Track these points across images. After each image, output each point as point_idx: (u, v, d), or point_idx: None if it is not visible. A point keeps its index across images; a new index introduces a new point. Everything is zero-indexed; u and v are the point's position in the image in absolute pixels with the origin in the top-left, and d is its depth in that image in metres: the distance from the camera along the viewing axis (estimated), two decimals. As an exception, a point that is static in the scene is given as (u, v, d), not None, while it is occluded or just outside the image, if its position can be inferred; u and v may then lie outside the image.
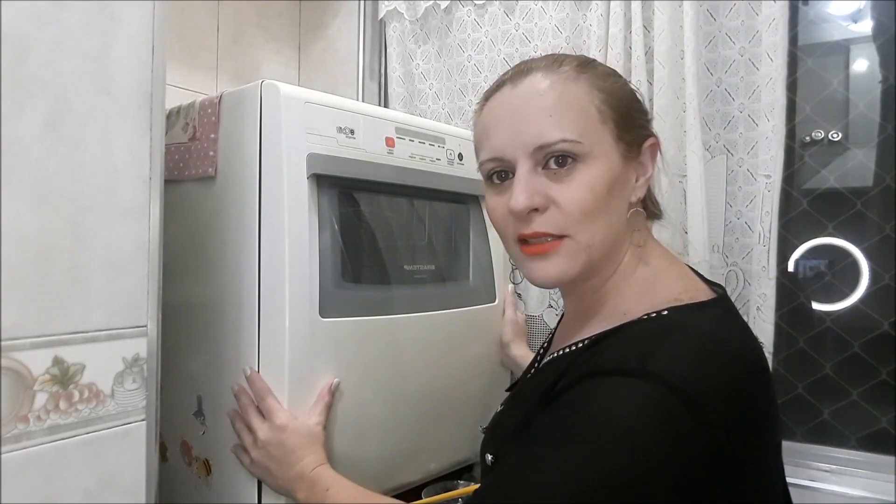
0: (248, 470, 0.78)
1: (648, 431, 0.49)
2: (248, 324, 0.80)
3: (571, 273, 0.61)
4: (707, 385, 0.51)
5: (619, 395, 0.52)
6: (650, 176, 0.65)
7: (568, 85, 0.61)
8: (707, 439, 0.50)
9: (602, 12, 1.13)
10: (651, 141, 0.65)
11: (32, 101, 0.57)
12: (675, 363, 0.52)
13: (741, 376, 0.54)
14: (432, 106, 1.40)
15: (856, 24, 1.18)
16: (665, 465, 0.49)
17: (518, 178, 0.61)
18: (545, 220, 0.60)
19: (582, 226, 0.60)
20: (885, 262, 1.12)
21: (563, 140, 0.59)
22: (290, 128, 0.78)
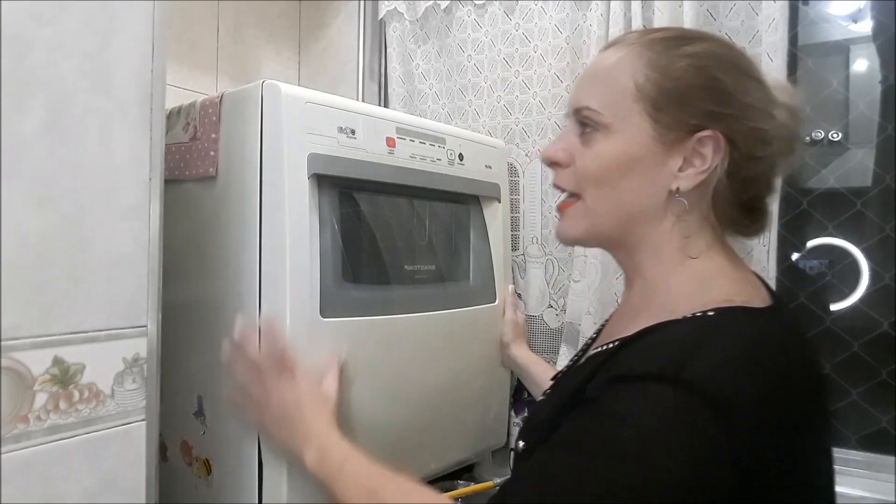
0: (249, 423, 0.75)
1: (678, 444, 0.48)
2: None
3: (575, 234, 0.65)
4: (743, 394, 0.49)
5: (650, 404, 0.50)
6: (705, 170, 0.59)
7: (620, 57, 0.61)
8: (739, 451, 0.48)
9: (602, 12, 1.13)
10: (705, 134, 0.58)
11: (32, 101, 0.57)
12: (711, 370, 0.50)
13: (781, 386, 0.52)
14: (432, 106, 1.40)
15: (856, 24, 1.18)
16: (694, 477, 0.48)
17: (560, 132, 0.66)
18: (563, 176, 0.65)
19: (589, 190, 0.63)
20: (885, 262, 1.12)
21: (587, 108, 0.62)
22: (290, 128, 0.78)
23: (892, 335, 1.10)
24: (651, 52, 0.60)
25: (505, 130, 1.28)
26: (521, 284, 1.25)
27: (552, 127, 1.22)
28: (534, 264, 1.24)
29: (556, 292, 1.23)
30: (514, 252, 1.25)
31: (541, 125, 1.24)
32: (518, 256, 1.26)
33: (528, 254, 1.25)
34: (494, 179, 1.11)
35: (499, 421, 1.13)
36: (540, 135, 1.24)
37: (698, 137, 0.59)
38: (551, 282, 1.23)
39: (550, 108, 1.22)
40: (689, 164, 0.60)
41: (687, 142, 0.59)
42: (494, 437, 1.13)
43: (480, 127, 1.30)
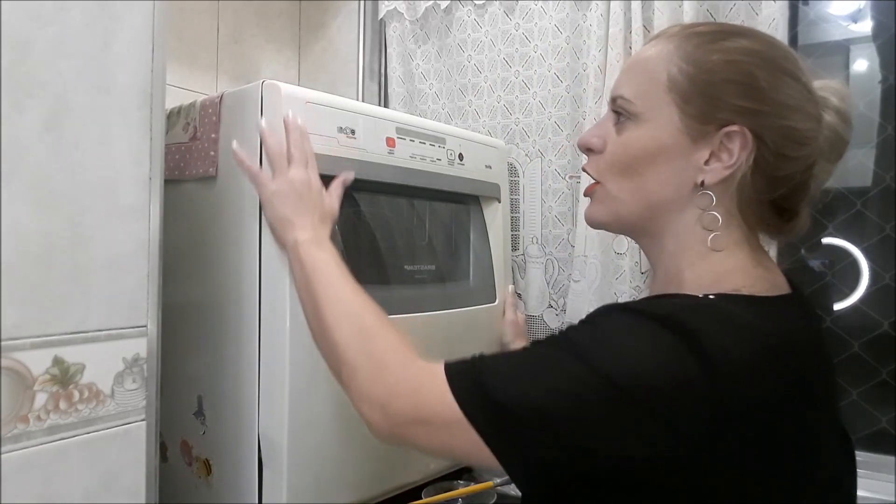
0: (259, 188, 0.75)
1: (658, 368, 0.49)
2: (248, 324, 0.80)
3: (599, 218, 0.67)
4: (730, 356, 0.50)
5: (639, 330, 0.52)
6: (731, 165, 0.58)
7: (659, 49, 0.62)
8: (714, 403, 0.48)
9: (602, 12, 1.13)
10: (734, 128, 0.58)
11: (32, 101, 0.57)
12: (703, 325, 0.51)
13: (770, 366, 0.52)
14: (432, 106, 1.40)
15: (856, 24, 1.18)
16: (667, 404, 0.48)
17: (599, 120, 0.67)
18: (592, 161, 0.66)
19: (612, 177, 0.64)
20: (885, 262, 1.12)
21: (621, 97, 0.63)
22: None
23: (892, 335, 1.10)
24: (689, 44, 0.61)
25: (505, 130, 1.28)
26: (521, 284, 1.25)
27: (552, 127, 1.22)
28: (534, 264, 1.24)
29: (556, 292, 1.23)
30: (514, 252, 1.25)
31: (541, 125, 1.24)
32: (518, 256, 1.26)
33: (528, 254, 1.25)
34: (494, 179, 1.11)
35: (499, 421, 1.13)
36: (540, 135, 1.24)
37: (725, 132, 0.58)
38: (551, 282, 1.23)
39: (550, 108, 1.22)
40: (716, 158, 0.59)
41: (714, 136, 0.59)
42: (494, 437, 1.13)
43: (480, 127, 1.30)
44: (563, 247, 1.22)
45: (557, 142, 1.22)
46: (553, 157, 1.22)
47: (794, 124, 0.58)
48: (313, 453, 0.80)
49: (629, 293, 1.06)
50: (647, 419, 0.48)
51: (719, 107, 0.59)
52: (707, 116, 0.59)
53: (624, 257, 1.08)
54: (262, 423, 0.79)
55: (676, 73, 0.60)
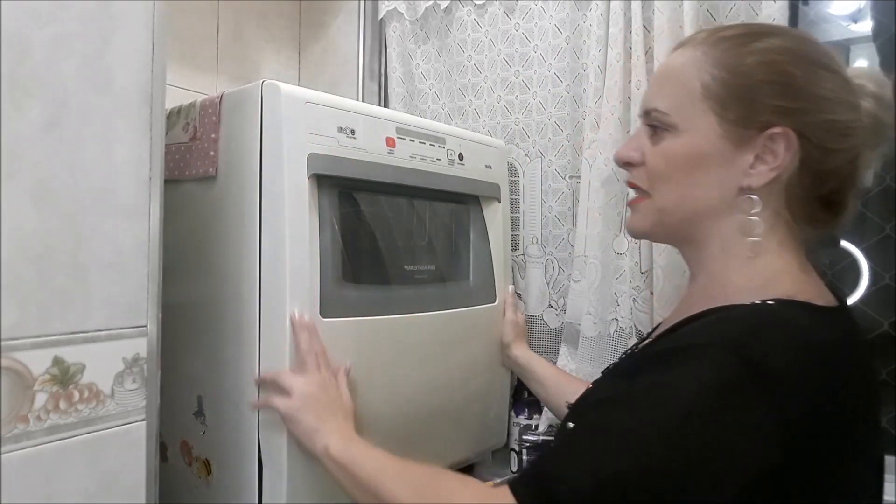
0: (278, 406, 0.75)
1: (723, 412, 0.48)
2: (248, 324, 0.80)
3: (642, 228, 0.68)
4: (798, 382, 0.50)
5: (699, 368, 0.51)
6: (777, 167, 0.58)
7: (686, 56, 0.62)
8: (783, 435, 0.48)
9: (602, 12, 1.13)
10: (777, 130, 0.57)
11: (32, 101, 0.57)
12: (771, 351, 0.50)
13: (834, 383, 0.52)
14: (432, 106, 1.40)
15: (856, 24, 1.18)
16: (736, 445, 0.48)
17: (633, 133, 0.68)
18: (635, 174, 0.67)
19: (657, 188, 0.64)
20: (885, 262, 1.12)
21: (655, 109, 0.64)
22: (290, 128, 0.78)
23: (892, 335, 1.10)
24: (718, 50, 0.60)
25: (505, 130, 1.28)
26: (521, 284, 1.25)
27: (552, 127, 1.22)
28: (534, 264, 1.24)
29: (556, 292, 1.23)
30: (514, 252, 1.25)
31: (541, 125, 1.24)
32: (518, 256, 1.26)
33: (528, 254, 1.25)
34: (494, 179, 1.11)
35: (499, 421, 1.13)
36: (540, 135, 1.24)
37: (768, 134, 0.58)
38: (551, 282, 1.23)
39: (550, 108, 1.22)
40: (761, 160, 0.59)
41: (757, 139, 0.59)
42: (494, 437, 1.13)
43: (480, 127, 1.30)
44: (563, 247, 1.22)
45: (557, 142, 1.22)
46: (553, 157, 1.22)
47: (836, 117, 0.58)
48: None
49: (629, 293, 1.06)
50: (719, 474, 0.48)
51: (759, 109, 0.58)
52: (747, 120, 0.59)
53: (624, 257, 1.08)
54: (262, 423, 0.79)
55: (710, 81, 0.59)
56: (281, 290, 0.77)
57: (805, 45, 0.61)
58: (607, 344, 1.08)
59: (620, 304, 1.07)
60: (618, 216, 1.10)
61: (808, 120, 0.58)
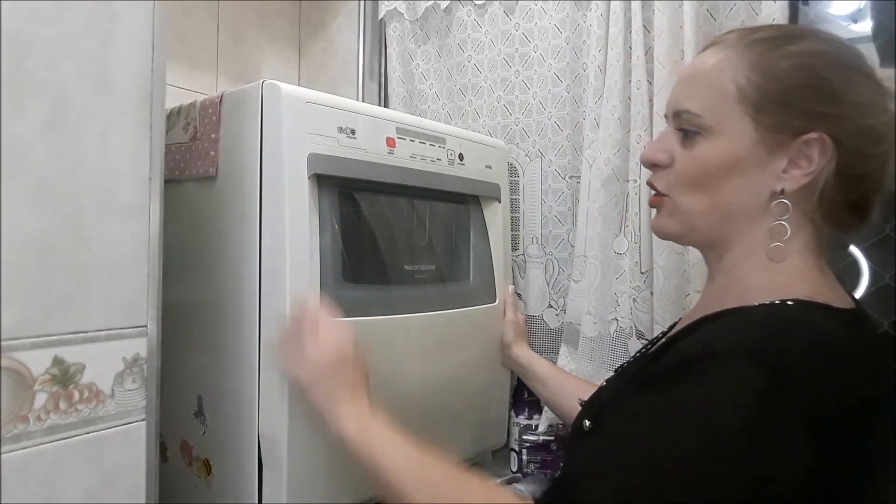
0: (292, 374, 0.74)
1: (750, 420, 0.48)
2: (248, 324, 0.80)
3: (669, 230, 0.67)
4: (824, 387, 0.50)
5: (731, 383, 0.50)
6: (811, 172, 0.58)
7: (720, 58, 0.61)
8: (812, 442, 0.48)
9: (602, 12, 1.13)
10: (812, 136, 0.57)
11: (32, 101, 0.57)
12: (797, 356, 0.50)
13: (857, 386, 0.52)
14: (432, 106, 1.40)
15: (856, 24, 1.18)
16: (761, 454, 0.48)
17: (660, 133, 0.67)
18: (660, 176, 0.66)
19: (683, 192, 0.63)
20: (885, 262, 1.12)
21: (687, 111, 0.62)
22: (291, 128, 0.78)
23: (892, 335, 1.10)
24: (752, 52, 0.59)
25: (505, 130, 1.28)
26: (521, 284, 1.25)
27: (552, 127, 1.22)
28: (534, 264, 1.24)
29: (556, 292, 1.23)
30: (514, 252, 1.25)
31: (541, 125, 1.24)
32: (518, 256, 1.26)
33: (528, 254, 1.25)
34: (494, 179, 1.11)
35: (499, 421, 1.13)
36: (540, 135, 1.24)
37: (804, 140, 0.57)
38: (551, 282, 1.23)
39: (550, 108, 1.22)
40: (795, 165, 0.59)
41: (791, 144, 0.58)
42: (494, 437, 1.13)
43: (480, 127, 1.30)
44: (563, 247, 1.22)
45: (557, 142, 1.22)
46: (553, 157, 1.22)
47: (871, 122, 0.58)
48: (313, 453, 0.80)
49: (629, 293, 1.06)
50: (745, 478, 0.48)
51: (794, 114, 0.58)
52: (783, 125, 0.58)
53: (624, 257, 1.08)
54: (262, 423, 0.79)
55: (745, 84, 0.58)
56: (281, 290, 0.77)
57: (839, 48, 0.61)
58: (607, 344, 1.08)
59: (620, 304, 1.07)
60: (618, 216, 1.10)
61: (843, 125, 0.57)
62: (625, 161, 1.09)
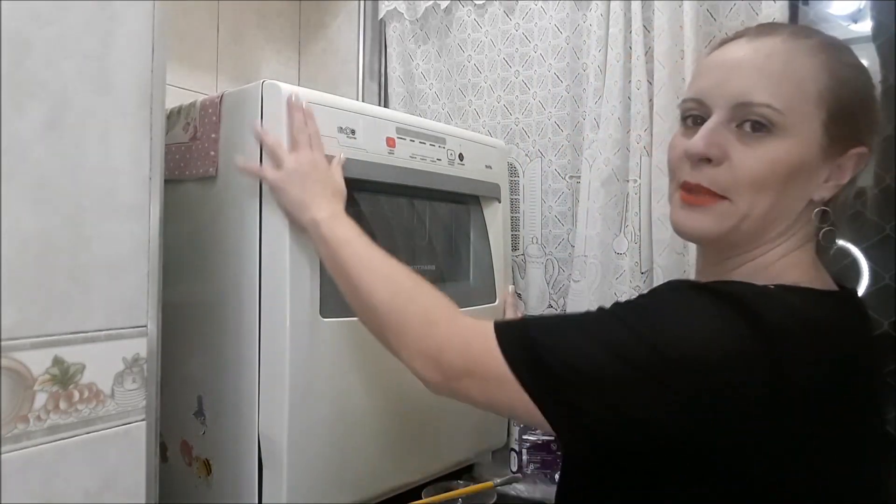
0: (267, 177, 0.77)
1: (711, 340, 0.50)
2: (248, 324, 0.80)
3: (714, 233, 0.61)
4: (793, 342, 0.50)
5: (696, 304, 0.53)
6: (844, 184, 0.60)
7: (800, 57, 0.58)
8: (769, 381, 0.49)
9: (602, 12, 1.13)
10: (860, 150, 0.59)
11: (32, 101, 0.57)
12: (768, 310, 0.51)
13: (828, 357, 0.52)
14: (432, 106, 1.40)
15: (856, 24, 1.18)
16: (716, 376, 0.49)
17: (707, 124, 0.60)
18: (713, 175, 0.59)
19: (746, 194, 0.59)
20: (885, 262, 1.12)
21: (768, 105, 0.57)
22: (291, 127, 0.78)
23: (892, 335, 1.10)
24: (822, 56, 0.58)
25: (505, 130, 1.28)
26: (521, 284, 1.25)
27: (552, 127, 1.22)
28: (534, 264, 1.24)
29: (556, 292, 1.23)
30: (514, 252, 1.25)
31: (541, 125, 1.24)
32: (518, 256, 1.26)
33: (528, 254, 1.25)
34: (494, 179, 1.11)
35: (499, 421, 1.13)
36: (540, 135, 1.24)
37: (855, 153, 0.59)
38: (551, 282, 1.23)
39: (550, 108, 1.22)
40: (835, 177, 0.60)
41: (842, 155, 0.59)
42: (494, 437, 1.13)
43: (480, 127, 1.30)
44: (563, 247, 1.22)
45: (557, 142, 1.22)
46: (553, 157, 1.22)
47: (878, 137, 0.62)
48: (313, 453, 0.80)
49: (629, 293, 1.06)
50: (693, 389, 0.49)
51: (856, 127, 0.59)
52: (844, 136, 0.58)
53: (624, 257, 1.08)
54: (262, 423, 0.79)
55: (824, 90, 0.57)
56: (281, 290, 0.77)
57: None
58: (607, 344, 1.08)
59: (620, 304, 1.07)
60: (618, 216, 1.10)
61: (874, 140, 0.60)
62: (625, 161, 1.09)
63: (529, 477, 1.14)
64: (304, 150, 0.76)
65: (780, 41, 0.59)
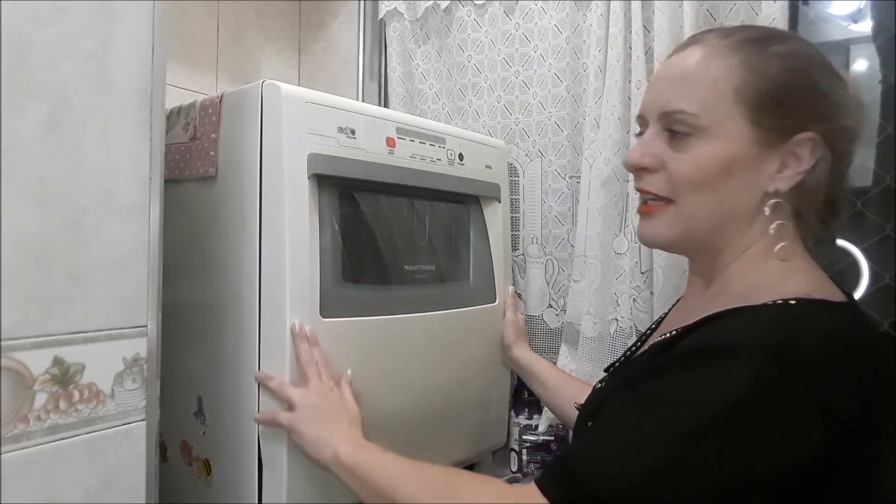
0: (282, 421, 0.76)
1: (765, 411, 0.49)
2: (248, 324, 0.80)
3: (666, 238, 0.65)
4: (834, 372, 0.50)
5: (739, 369, 0.51)
6: (803, 171, 0.59)
7: (714, 58, 0.61)
8: (825, 426, 0.49)
9: (602, 12, 1.13)
10: (806, 135, 0.59)
11: (32, 101, 0.57)
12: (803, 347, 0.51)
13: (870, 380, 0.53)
14: (432, 106, 1.40)
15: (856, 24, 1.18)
16: (779, 440, 0.49)
17: (643, 137, 0.65)
18: (652, 181, 0.64)
19: (686, 195, 0.62)
20: (885, 262, 1.12)
21: (682, 111, 0.61)
22: (291, 128, 0.78)
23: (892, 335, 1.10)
24: (741, 53, 0.60)
25: (505, 130, 1.28)
26: (521, 284, 1.25)
27: (552, 127, 1.22)
28: (534, 264, 1.24)
29: (556, 292, 1.23)
30: (514, 252, 1.25)
31: (541, 125, 1.24)
32: (518, 256, 1.26)
33: (528, 254, 1.25)
34: (494, 179, 1.11)
35: (499, 421, 1.14)
36: (540, 135, 1.24)
37: (797, 140, 0.59)
38: (551, 282, 1.23)
39: (550, 108, 1.22)
40: (786, 165, 0.60)
41: (784, 144, 0.59)
42: (494, 437, 1.13)
43: (480, 127, 1.30)
44: (563, 247, 1.22)
45: (557, 142, 1.22)
46: (553, 157, 1.22)
47: (849, 123, 0.61)
48: (313, 453, 0.80)
49: (629, 293, 1.06)
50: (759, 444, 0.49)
51: (788, 115, 0.59)
52: (777, 126, 0.59)
53: (624, 257, 1.08)
54: (262, 423, 0.79)
55: (741, 85, 0.59)
56: (281, 291, 0.77)
57: (815, 50, 0.63)
58: (607, 344, 1.08)
59: (620, 304, 1.07)
60: (618, 216, 1.10)
61: (829, 125, 0.59)
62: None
63: (529, 477, 1.14)
64: (313, 383, 0.76)
65: (700, 48, 0.62)
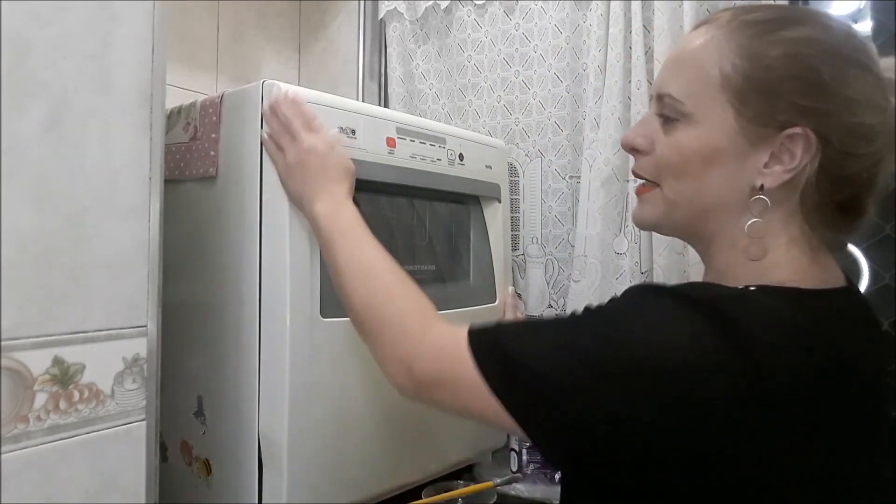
0: (277, 167, 0.77)
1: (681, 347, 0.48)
2: (248, 324, 0.80)
3: (651, 219, 0.64)
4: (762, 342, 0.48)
5: (669, 311, 0.51)
6: (793, 168, 0.54)
7: (707, 40, 0.58)
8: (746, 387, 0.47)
9: (602, 12, 1.13)
10: (796, 130, 0.53)
11: (32, 101, 0.57)
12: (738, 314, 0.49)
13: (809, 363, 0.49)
14: (432, 106, 1.40)
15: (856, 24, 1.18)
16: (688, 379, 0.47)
17: (643, 118, 0.65)
18: (643, 163, 0.63)
19: (668, 180, 0.61)
20: (885, 262, 1.12)
21: (668, 95, 0.59)
22: (290, 128, 0.78)
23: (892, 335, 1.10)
24: (742, 36, 0.56)
25: (505, 130, 1.28)
26: (521, 284, 1.25)
27: (552, 127, 1.22)
28: (534, 264, 1.24)
29: (556, 292, 1.23)
30: (514, 252, 1.25)
31: (541, 125, 1.24)
32: (518, 256, 1.26)
33: (528, 254, 1.25)
34: (494, 179, 1.11)
35: (499, 421, 1.13)
36: (540, 135, 1.24)
37: (787, 134, 0.54)
38: (551, 282, 1.23)
39: (550, 108, 1.22)
40: (777, 160, 0.55)
41: (775, 137, 0.55)
42: (494, 437, 1.13)
43: (480, 127, 1.30)
44: (563, 247, 1.22)
45: (557, 142, 1.22)
46: (553, 157, 1.22)
47: (862, 120, 0.54)
48: (313, 453, 0.80)
49: (629, 293, 1.06)
50: (660, 395, 0.48)
51: (779, 107, 0.54)
52: (766, 118, 0.55)
53: (624, 257, 1.08)
54: (262, 423, 0.79)
55: (730, 70, 0.55)
56: (281, 290, 0.77)
57: (836, 36, 0.56)
58: (607, 344, 1.08)
59: (620, 304, 1.07)
60: (618, 216, 1.10)
61: (830, 122, 0.54)
62: (625, 161, 1.09)
63: (529, 477, 1.14)
64: (300, 137, 0.75)
65: (706, 28, 0.59)
